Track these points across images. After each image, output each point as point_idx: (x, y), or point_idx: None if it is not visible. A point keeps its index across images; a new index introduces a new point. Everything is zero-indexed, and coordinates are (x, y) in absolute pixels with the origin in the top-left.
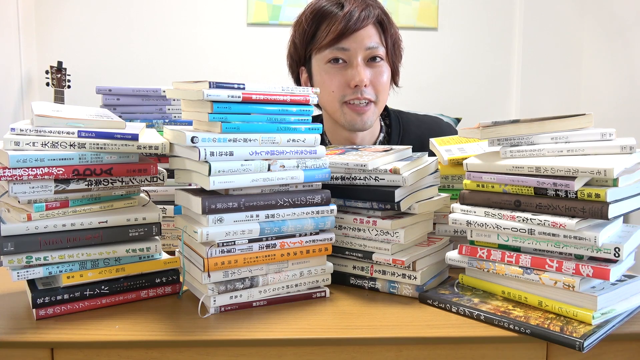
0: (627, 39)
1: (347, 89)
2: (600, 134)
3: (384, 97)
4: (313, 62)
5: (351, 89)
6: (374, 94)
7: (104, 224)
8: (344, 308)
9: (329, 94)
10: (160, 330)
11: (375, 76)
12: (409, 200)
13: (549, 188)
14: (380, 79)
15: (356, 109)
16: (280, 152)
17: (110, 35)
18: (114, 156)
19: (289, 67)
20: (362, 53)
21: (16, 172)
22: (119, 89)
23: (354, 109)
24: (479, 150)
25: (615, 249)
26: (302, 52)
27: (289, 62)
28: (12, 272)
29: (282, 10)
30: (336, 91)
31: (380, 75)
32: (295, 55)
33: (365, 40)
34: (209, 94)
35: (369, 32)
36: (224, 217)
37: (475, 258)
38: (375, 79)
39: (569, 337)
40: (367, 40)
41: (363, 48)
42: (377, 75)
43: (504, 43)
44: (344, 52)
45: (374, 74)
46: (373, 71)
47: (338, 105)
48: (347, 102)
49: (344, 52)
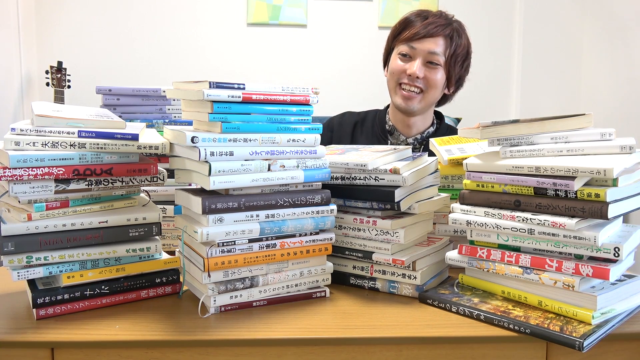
0: (627, 39)
1: (403, 75)
2: (600, 134)
3: (434, 92)
4: (392, 53)
5: (406, 76)
6: (425, 85)
7: (104, 224)
8: (344, 308)
9: (391, 75)
10: (160, 330)
11: (428, 73)
12: (409, 200)
13: (549, 188)
14: (432, 76)
15: (405, 94)
16: (280, 152)
17: (110, 35)
18: (114, 156)
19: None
20: (424, 55)
21: (16, 172)
22: (119, 89)
23: (404, 94)
24: (479, 150)
25: (615, 248)
26: (390, 44)
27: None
28: (13, 272)
29: (282, 10)
30: (395, 74)
31: (433, 74)
32: (387, 46)
33: (431, 46)
34: (209, 94)
35: (437, 42)
36: (224, 217)
37: (475, 258)
38: (428, 75)
39: (568, 337)
40: (432, 47)
41: (426, 51)
42: (430, 73)
43: (504, 43)
44: (412, 50)
45: (428, 72)
46: (428, 70)
47: (394, 86)
48: (400, 85)
49: (412, 50)
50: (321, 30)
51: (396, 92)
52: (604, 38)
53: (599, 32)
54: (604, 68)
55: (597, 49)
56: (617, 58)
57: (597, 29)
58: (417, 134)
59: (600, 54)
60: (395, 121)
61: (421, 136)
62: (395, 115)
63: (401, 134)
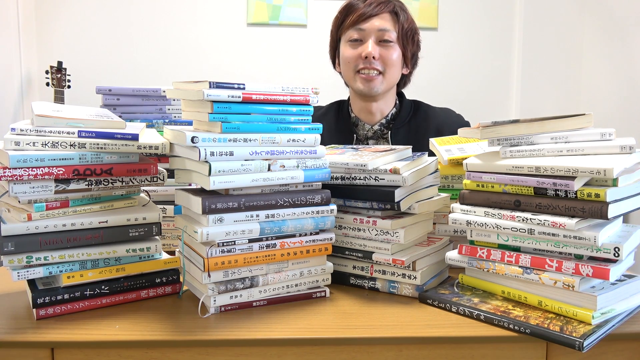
0: (627, 39)
1: (359, 59)
2: (600, 134)
3: (393, 72)
4: (341, 43)
5: (362, 60)
6: (382, 66)
7: (104, 224)
8: (344, 308)
9: (346, 64)
10: (160, 330)
11: (384, 52)
12: (409, 200)
13: (549, 188)
14: (388, 54)
15: (366, 77)
16: (280, 152)
17: (110, 35)
18: (114, 156)
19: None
20: (375, 34)
21: (16, 172)
22: (119, 89)
23: (364, 77)
24: (478, 150)
25: (615, 248)
26: (335, 37)
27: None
28: (13, 272)
29: (282, 10)
30: (351, 62)
31: (389, 52)
32: (332, 43)
33: (379, 24)
34: (209, 94)
35: (384, 18)
36: (224, 217)
37: (475, 258)
38: (383, 54)
39: (568, 337)
40: (380, 24)
41: (375, 29)
42: (386, 52)
43: (504, 43)
44: (361, 32)
45: (383, 51)
46: (383, 49)
47: (352, 74)
48: (359, 71)
49: (360, 32)
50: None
51: (355, 79)
52: (604, 38)
53: (599, 33)
54: (604, 68)
55: (597, 49)
56: (617, 58)
57: (597, 29)
58: (381, 119)
59: (600, 54)
60: (358, 111)
61: (386, 120)
62: (357, 104)
63: (365, 123)
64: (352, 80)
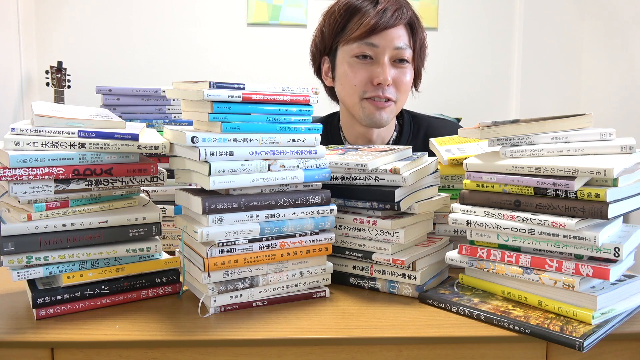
0: (627, 39)
1: (369, 85)
2: (600, 134)
3: (404, 98)
4: (338, 54)
5: (373, 86)
6: (395, 94)
7: (104, 224)
8: (344, 308)
9: (351, 87)
10: (160, 330)
11: (398, 76)
12: (409, 200)
13: (549, 188)
14: (403, 79)
15: (376, 104)
16: (280, 152)
17: (110, 35)
18: (114, 156)
19: (312, 56)
20: (390, 52)
21: (16, 172)
22: (119, 89)
23: (374, 104)
24: (478, 150)
25: (615, 248)
26: (329, 42)
27: (312, 51)
28: (12, 272)
29: (282, 10)
30: (358, 86)
31: (403, 76)
32: (320, 44)
33: (395, 40)
34: (209, 94)
35: (400, 33)
36: (224, 217)
37: (475, 258)
38: (398, 79)
39: (568, 337)
40: (397, 40)
41: (392, 47)
42: (400, 75)
43: (504, 43)
44: (372, 49)
45: (397, 75)
46: (397, 71)
47: (358, 100)
48: (367, 98)
49: (372, 48)
50: None
51: (362, 107)
52: (604, 38)
53: (598, 33)
54: (604, 68)
55: (597, 49)
56: (617, 58)
57: (597, 30)
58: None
59: (600, 54)
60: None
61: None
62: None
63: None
64: (355, 106)
